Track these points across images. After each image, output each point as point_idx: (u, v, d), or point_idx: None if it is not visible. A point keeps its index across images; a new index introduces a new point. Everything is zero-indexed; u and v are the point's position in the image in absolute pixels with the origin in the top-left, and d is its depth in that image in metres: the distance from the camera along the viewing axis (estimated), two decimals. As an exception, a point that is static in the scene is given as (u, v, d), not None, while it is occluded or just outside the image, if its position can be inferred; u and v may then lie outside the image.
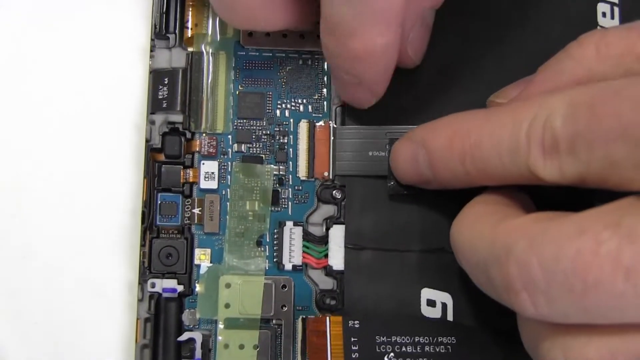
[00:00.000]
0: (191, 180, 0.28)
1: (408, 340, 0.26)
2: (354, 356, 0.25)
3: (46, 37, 0.30)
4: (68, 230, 0.29)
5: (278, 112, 0.29)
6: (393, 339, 0.26)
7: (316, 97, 0.29)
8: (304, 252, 0.28)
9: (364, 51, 0.24)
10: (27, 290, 0.29)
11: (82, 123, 0.30)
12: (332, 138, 0.28)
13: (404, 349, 0.25)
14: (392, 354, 0.25)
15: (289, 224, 0.28)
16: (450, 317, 0.27)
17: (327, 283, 0.28)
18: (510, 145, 0.22)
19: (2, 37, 0.30)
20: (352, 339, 0.25)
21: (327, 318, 0.26)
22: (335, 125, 0.29)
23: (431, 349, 0.26)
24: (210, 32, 0.29)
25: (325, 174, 0.28)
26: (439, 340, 0.26)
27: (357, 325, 0.26)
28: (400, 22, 0.25)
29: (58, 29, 0.30)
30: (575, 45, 0.24)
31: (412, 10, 0.26)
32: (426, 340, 0.26)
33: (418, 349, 0.26)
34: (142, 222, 0.28)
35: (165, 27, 0.29)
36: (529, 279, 0.20)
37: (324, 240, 0.28)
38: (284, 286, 0.28)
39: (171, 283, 0.27)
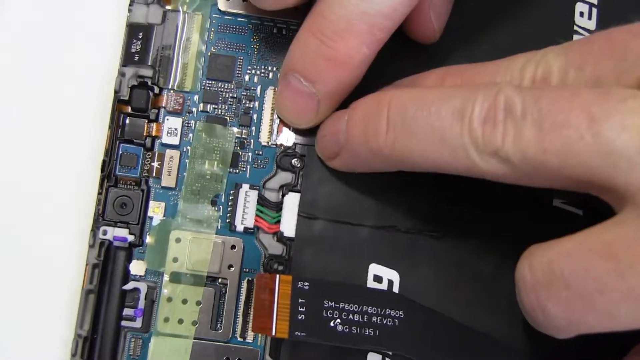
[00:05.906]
0: (154, 134, 0.28)
1: (356, 308, 0.25)
2: (299, 317, 0.25)
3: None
4: (29, 174, 0.30)
5: (247, 77, 0.29)
6: (341, 306, 0.25)
7: (286, 66, 0.29)
8: (257, 215, 0.28)
9: (346, 55, 0.24)
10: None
11: (54, 73, 0.30)
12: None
13: (351, 316, 0.25)
14: (338, 320, 0.25)
15: (246, 186, 0.28)
16: (395, 295, 0.27)
17: (277, 248, 0.28)
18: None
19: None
20: (300, 300, 0.25)
21: (277, 276, 0.25)
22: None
23: (378, 320, 0.25)
24: (188, -8, 0.29)
25: (283, 139, 0.29)
26: (387, 312, 0.25)
27: (306, 287, 0.25)
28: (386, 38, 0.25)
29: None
30: None
31: None
32: (374, 310, 0.25)
33: (365, 318, 0.25)
34: (102, 170, 0.28)
35: (145, -16, 0.29)
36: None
37: (278, 206, 0.28)
38: (233, 247, 0.28)
39: (123, 232, 0.28)
